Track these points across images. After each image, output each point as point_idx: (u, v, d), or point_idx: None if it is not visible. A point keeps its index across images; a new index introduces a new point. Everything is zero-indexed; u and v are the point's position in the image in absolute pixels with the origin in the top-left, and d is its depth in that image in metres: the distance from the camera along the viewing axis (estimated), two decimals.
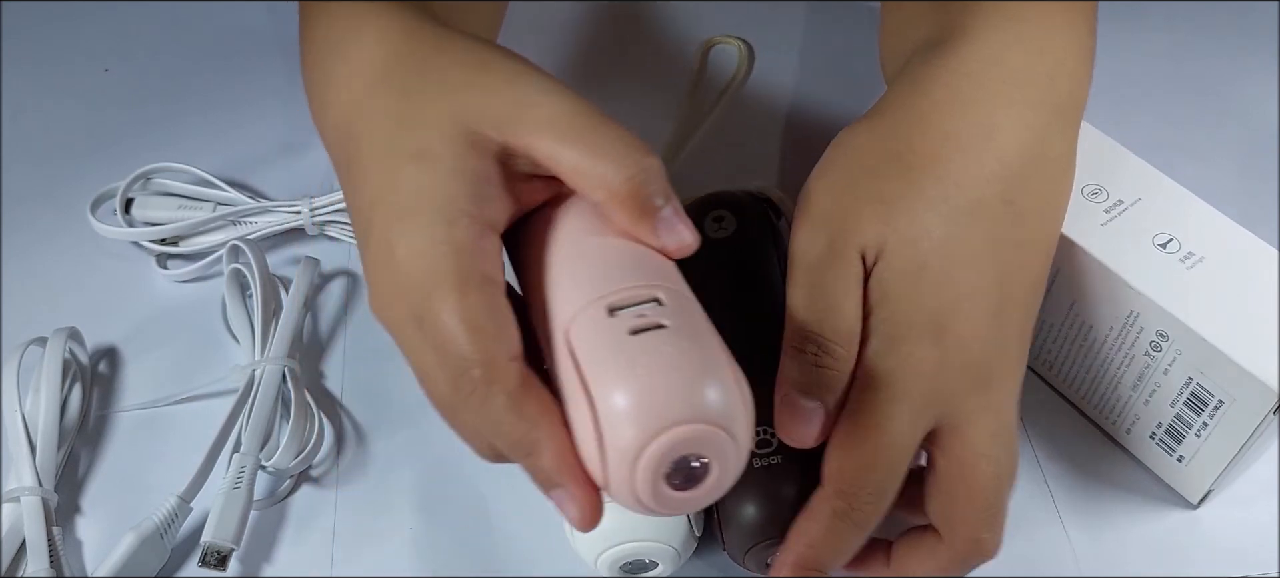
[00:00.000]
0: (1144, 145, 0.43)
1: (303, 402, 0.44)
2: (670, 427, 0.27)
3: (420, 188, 0.30)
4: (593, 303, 0.29)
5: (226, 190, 0.50)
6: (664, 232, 0.31)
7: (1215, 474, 0.39)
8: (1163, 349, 0.38)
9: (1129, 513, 0.41)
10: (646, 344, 0.28)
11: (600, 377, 0.28)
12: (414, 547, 0.41)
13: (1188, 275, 0.38)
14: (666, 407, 0.27)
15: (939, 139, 0.35)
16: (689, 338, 0.28)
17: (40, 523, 0.40)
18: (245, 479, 0.41)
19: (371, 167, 0.32)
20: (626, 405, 0.27)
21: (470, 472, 0.43)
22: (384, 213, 0.31)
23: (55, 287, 0.50)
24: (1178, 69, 0.57)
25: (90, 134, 0.57)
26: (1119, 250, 0.39)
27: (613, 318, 0.28)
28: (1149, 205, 0.41)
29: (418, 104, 0.32)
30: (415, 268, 0.30)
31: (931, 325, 0.33)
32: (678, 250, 0.31)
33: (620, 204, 0.30)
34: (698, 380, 0.27)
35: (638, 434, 0.27)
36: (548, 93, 0.32)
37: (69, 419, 0.44)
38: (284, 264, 0.50)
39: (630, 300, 0.29)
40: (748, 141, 0.55)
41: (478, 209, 0.30)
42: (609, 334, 0.28)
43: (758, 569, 0.37)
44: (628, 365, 0.27)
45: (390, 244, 0.30)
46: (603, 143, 0.31)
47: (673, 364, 0.27)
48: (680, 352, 0.28)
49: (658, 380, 0.27)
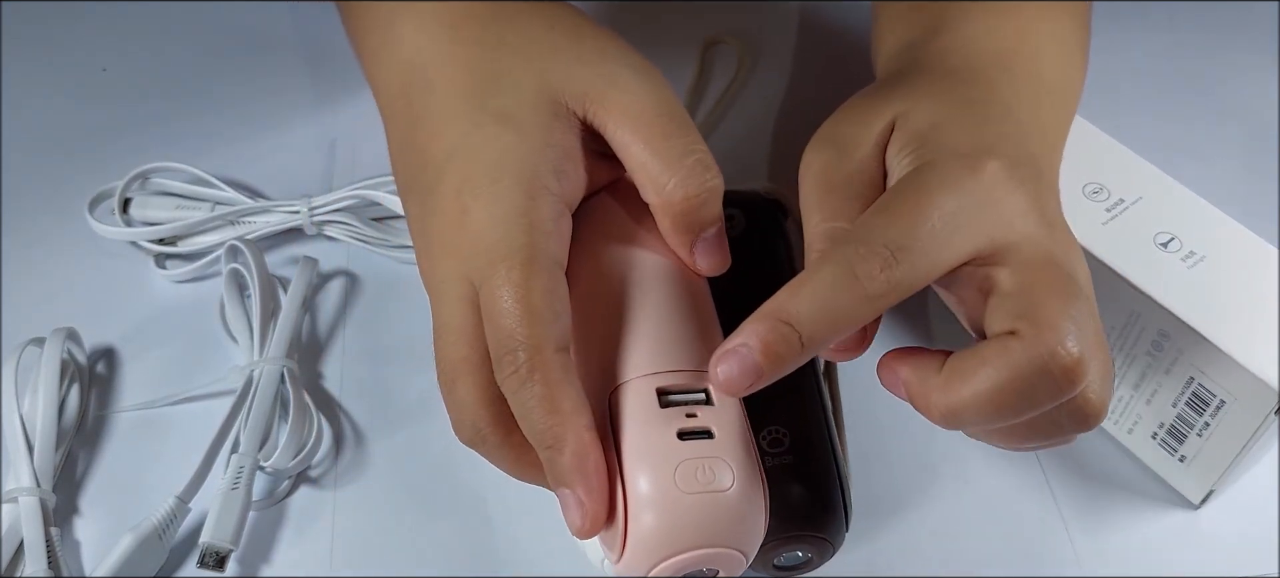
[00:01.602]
0: (1144, 144, 0.43)
1: (301, 402, 0.44)
2: (694, 549, 0.28)
3: (505, 152, 0.30)
4: (645, 378, 0.29)
5: (225, 190, 0.50)
6: (701, 255, 0.31)
7: (1217, 475, 0.39)
8: (1164, 349, 0.38)
9: (1130, 514, 0.41)
10: (691, 458, 0.28)
11: (640, 472, 0.28)
12: (413, 548, 0.41)
13: (1189, 275, 0.38)
14: (696, 533, 0.28)
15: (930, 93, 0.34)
16: (731, 455, 0.28)
17: (38, 524, 0.39)
18: (243, 480, 0.41)
19: (450, 119, 0.31)
20: (658, 520, 0.28)
21: (470, 472, 0.43)
22: (461, 169, 0.30)
23: (53, 287, 0.50)
24: (1178, 68, 0.57)
25: (88, 134, 0.57)
26: (1120, 250, 0.39)
27: (663, 410, 0.29)
28: (1150, 205, 0.40)
29: (504, 62, 0.32)
30: (488, 234, 0.29)
31: (972, 149, 0.31)
32: (708, 272, 0.31)
33: (670, 217, 0.30)
34: (731, 512, 0.28)
35: (661, 547, 0.28)
36: (636, 75, 0.31)
37: (67, 420, 0.44)
38: (283, 264, 0.50)
39: (682, 388, 0.29)
40: (747, 141, 0.55)
41: (559, 186, 0.30)
42: (656, 429, 0.28)
43: (766, 569, 0.37)
44: (669, 479, 0.28)
45: (464, 204, 0.30)
46: (674, 149, 0.30)
47: (711, 490, 0.28)
48: (720, 475, 0.28)
49: (694, 505, 0.28)
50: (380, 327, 0.48)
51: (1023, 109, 0.35)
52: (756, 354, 0.27)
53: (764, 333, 0.27)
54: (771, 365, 0.27)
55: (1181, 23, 0.60)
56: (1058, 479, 0.42)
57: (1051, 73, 0.37)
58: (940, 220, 0.29)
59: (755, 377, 0.28)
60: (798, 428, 0.36)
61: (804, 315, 0.27)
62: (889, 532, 0.41)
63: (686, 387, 0.29)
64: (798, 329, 0.27)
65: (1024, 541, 0.41)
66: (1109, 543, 0.41)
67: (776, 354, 0.27)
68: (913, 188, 0.30)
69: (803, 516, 0.36)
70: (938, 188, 0.29)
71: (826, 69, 0.59)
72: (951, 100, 0.34)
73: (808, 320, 0.27)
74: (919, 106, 0.33)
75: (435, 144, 0.32)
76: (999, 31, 0.37)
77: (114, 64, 0.60)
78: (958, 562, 0.40)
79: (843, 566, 0.39)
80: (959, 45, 0.37)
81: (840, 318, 0.28)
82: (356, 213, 0.49)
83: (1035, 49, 0.37)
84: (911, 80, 0.35)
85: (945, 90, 0.34)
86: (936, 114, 0.32)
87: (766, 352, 0.27)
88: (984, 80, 0.35)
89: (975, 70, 0.36)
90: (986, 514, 0.41)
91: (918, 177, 0.30)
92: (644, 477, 0.28)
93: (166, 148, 0.54)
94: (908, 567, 0.40)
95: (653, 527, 0.28)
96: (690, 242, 0.31)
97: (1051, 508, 0.42)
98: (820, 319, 0.27)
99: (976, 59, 0.36)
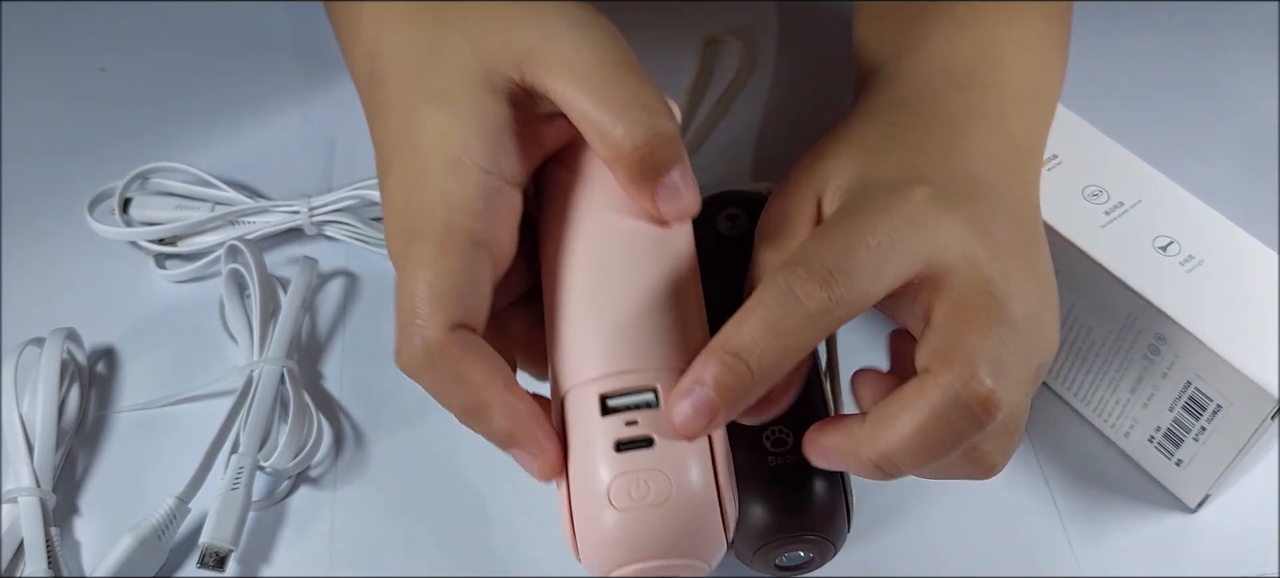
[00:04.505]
0: (1144, 143, 0.43)
1: (301, 402, 0.44)
2: (638, 563, 0.28)
3: (438, 134, 0.30)
4: (588, 384, 0.29)
5: (224, 190, 0.50)
6: (664, 203, 0.30)
7: (1213, 479, 0.39)
8: (1161, 352, 0.38)
9: (1126, 517, 0.41)
10: (627, 472, 0.27)
11: (578, 488, 0.28)
12: (413, 548, 0.41)
13: (1187, 278, 0.38)
14: (633, 549, 0.28)
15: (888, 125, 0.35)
16: (670, 464, 0.28)
17: (38, 524, 0.39)
18: (243, 480, 0.41)
19: (394, 107, 0.32)
20: (597, 539, 0.28)
21: (470, 473, 0.43)
22: (404, 156, 0.30)
23: (53, 287, 0.50)
24: (1178, 68, 0.57)
25: (88, 134, 0.56)
26: (1118, 252, 0.39)
27: (604, 418, 0.28)
28: (1150, 208, 0.40)
29: (440, 40, 0.31)
30: (405, 218, 0.29)
31: (903, 178, 0.31)
32: (677, 218, 0.30)
33: (624, 170, 0.29)
34: (669, 525, 0.27)
35: (605, 564, 0.28)
36: (577, 27, 0.30)
37: (67, 420, 0.44)
38: (282, 264, 0.50)
39: (624, 391, 0.28)
40: (748, 141, 0.55)
41: (492, 162, 0.30)
42: (594, 442, 0.28)
43: (767, 570, 0.37)
44: (602, 497, 0.27)
45: (403, 188, 0.30)
46: (619, 97, 0.29)
47: (646, 505, 0.27)
48: (656, 488, 0.27)
49: (629, 522, 0.27)
50: (380, 327, 0.48)
51: (978, 124, 0.35)
52: (710, 392, 0.27)
53: (715, 371, 0.27)
54: (728, 402, 0.27)
55: (1181, 22, 0.60)
56: (1057, 480, 0.42)
57: (1018, 81, 0.37)
58: (875, 241, 0.29)
59: (711, 416, 0.27)
60: (801, 428, 0.36)
61: (751, 344, 0.27)
62: (890, 532, 0.41)
63: (632, 388, 0.28)
64: (746, 360, 0.27)
65: (1023, 541, 0.41)
66: (1105, 547, 0.41)
67: (729, 389, 0.27)
68: (845, 215, 0.31)
69: (805, 516, 0.36)
70: (867, 212, 0.30)
71: (827, 68, 0.59)
72: (888, 136, 0.34)
73: (756, 348, 0.27)
74: (852, 161, 0.33)
75: (384, 135, 0.32)
76: (962, 44, 0.37)
77: (114, 64, 0.60)
78: (958, 562, 0.40)
79: (843, 566, 0.39)
80: (917, 68, 0.37)
81: (787, 341, 0.28)
82: (356, 213, 0.49)
83: (997, 59, 0.37)
84: (851, 130, 0.35)
85: (885, 127, 0.35)
86: (867, 159, 0.33)
87: (720, 389, 0.27)
88: (930, 102, 0.35)
89: (924, 94, 0.36)
90: (986, 515, 0.41)
91: (849, 205, 0.31)
92: (581, 494, 0.28)
93: (166, 148, 0.54)
94: (908, 567, 0.40)
95: (594, 544, 0.28)
96: (650, 192, 0.30)
97: (1051, 509, 0.42)
98: (767, 345, 0.27)
99: (932, 79, 0.36)
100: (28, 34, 0.62)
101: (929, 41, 0.38)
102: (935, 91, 0.36)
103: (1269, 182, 0.52)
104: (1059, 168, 0.42)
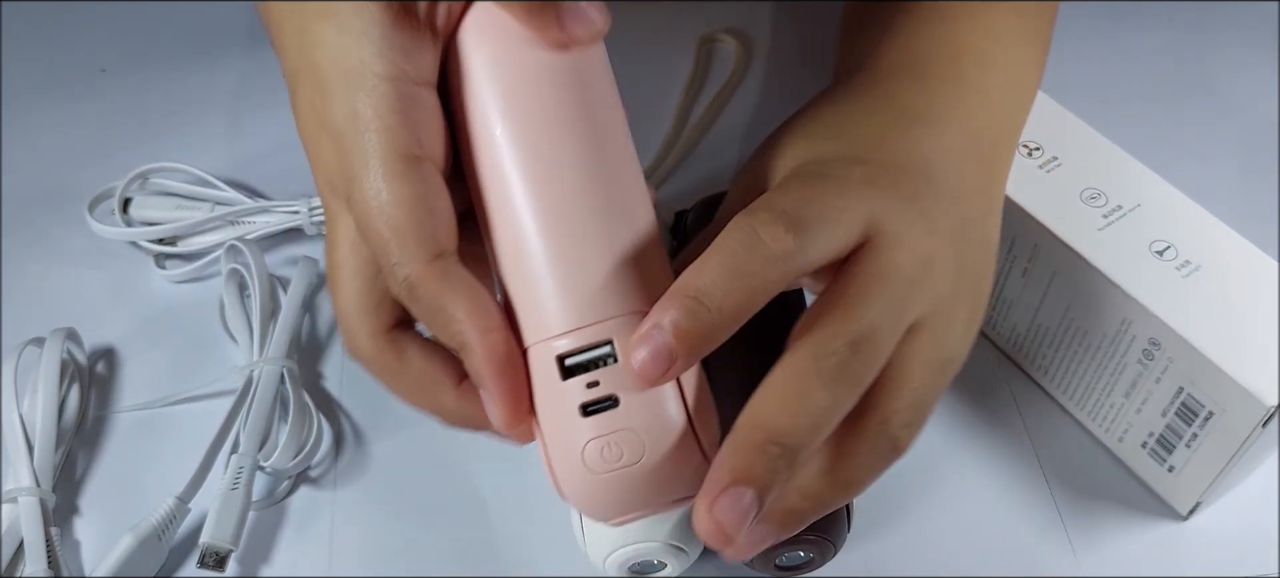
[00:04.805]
0: (1143, 143, 0.43)
1: (301, 402, 0.44)
2: (632, 514, 0.28)
3: (331, 55, 0.28)
4: (543, 344, 0.27)
5: (224, 190, 0.50)
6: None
7: (1204, 486, 0.39)
8: (1155, 357, 0.38)
9: (1118, 524, 0.41)
10: (596, 437, 0.27)
11: (554, 456, 0.28)
12: (413, 548, 0.41)
13: (1183, 284, 0.38)
14: (624, 505, 0.28)
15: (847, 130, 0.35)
16: (639, 420, 0.27)
17: (38, 524, 0.39)
18: (243, 480, 0.41)
19: (286, 37, 0.30)
20: (586, 503, 0.28)
21: (470, 472, 0.43)
22: (305, 89, 0.29)
23: (53, 287, 0.50)
24: (1178, 68, 0.57)
25: (88, 134, 0.57)
26: (1115, 256, 0.39)
27: (564, 382, 0.27)
28: (1148, 212, 0.40)
29: None
30: (338, 151, 0.28)
31: (844, 156, 0.31)
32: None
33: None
34: (650, 480, 0.27)
35: (602, 516, 0.28)
36: None
37: (67, 420, 0.44)
38: (282, 264, 0.50)
39: (583, 349, 0.27)
40: (744, 140, 0.55)
41: (395, 67, 0.27)
42: (560, 409, 0.27)
43: (766, 570, 0.37)
44: (579, 464, 0.27)
45: (314, 124, 0.28)
46: None
47: (621, 467, 0.27)
48: (629, 449, 0.27)
49: (610, 483, 0.27)
50: None
51: (934, 115, 0.34)
52: (668, 336, 0.26)
53: (674, 315, 0.26)
54: (687, 347, 0.26)
55: (1181, 22, 0.60)
56: (1058, 481, 0.42)
57: (979, 74, 0.37)
58: (828, 199, 0.29)
59: (669, 361, 0.26)
60: None
61: (712, 285, 0.26)
62: (890, 532, 0.41)
63: (587, 345, 0.27)
64: (706, 303, 0.26)
65: (1023, 541, 0.41)
66: (1097, 554, 0.41)
67: (689, 334, 0.26)
68: (799, 177, 0.31)
69: None
70: (817, 178, 0.30)
71: (823, 66, 0.58)
72: (837, 123, 0.34)
73: (717, 290, 0.26)
74: (801, 146, 0.33)
75: (284, 70, 0.30)
76: (923, 37, 0.37)
77: (114, 64, 0.60)
78: (958, 562, 0.40)
79: (844, 566, 0.39)
80: (877, 61, 0.37)
81: (750, 282, 0.27)
82: None
83: (957, 52, 0.37)
84: (803, 118, 0.35)
85: (837, 115, 0.35)
86: (813, 143, 0.33)
87: (679, 333, 0.26)
88: (885, 91, 0.35)
89: (880, 84, 0.36)
90: (986, 515, 0.41)
91: (801, 171, 0.31)
92: (558, 463, 0.28)
93: (166, 148, 0.54)
94: (908, 567, 0.40)
95: (582, 500, 0.28)
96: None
97: (1051, 509, 0.42)
98: (729, 286, 0.26)
99: (890, 71, 0.36)
100: (28, 34, 0.62)
101: (892, 36, 0.38)
102: (891, 82, 0.36)
103: (1269, 180, 0.52)
104: (1058, 170, 0.42)
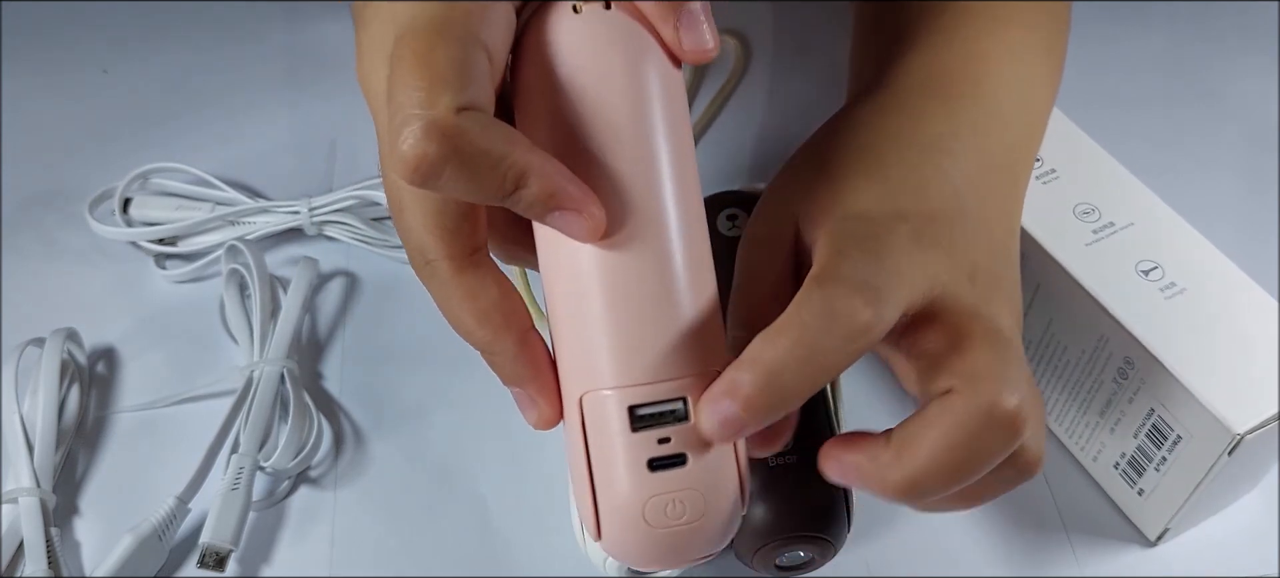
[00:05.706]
0: (1142, 145, 0.43)
1: (301, 403, 0.44)
2: (664, 569, 0.29)
3: None
4: (615, 392, 0.27)
5: (225, 190, 0.50)
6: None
7: (1172, 512, 0.39)
8: (1129, 377, 0.38)
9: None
10: (661, 493, 0.27)
11: (609, 500, 0.28)
12: (413, 548, 0.41)
13: (1165, 305, 0.38)
14: (663, 560, 0.28)
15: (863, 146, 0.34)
16: (704, 483, 0.27)
17: (38, 524, 0.39)
18: (243, 480, 0.41)
19: None
20: (627, 550, 0.28)
21: (470, 473, 0.43)
22: None
23: (53, 287, 0.50)
24: (1178, 70, 0.57)
25: (89, 134, 0.57)
26: (1098, 272, 0.38)
27: (635, 433, 0.27)
28: (1141, 230, 0.40)
29: None
30: (396, 19, 0.26)
31: (883, 213, 0.31)
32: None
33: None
34: (700, 539, 0.28)
35: (642, 563, 0.28)
36: None
37: (67, 420, 0.44)
38: (283, 264, 0.50)
39: (655, 401, 0.27)
40: (744, 139, 0.55)
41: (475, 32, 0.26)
42: (628, 457, 0.27)
43: (767, 570, 0.37)
44: (638, 515, 0.27)
45: (384, 22, 0.27)
46: None
47: (680, 524, 0.27)
48: (691, 507, 0.27)
49: (662, 538, 0.27)
50: (380, 327, 0.48)
51: (958, 143, 0.34)
52: (739, 408, 0.26)
53: (748, 389, 0.26)
54: (754, 420, 0.26)
55: (1181, 23, 0.60)
56: (1058, 481, 0.42)
57: (1000, 95, 0.36)
58: (889, 266, 0.29)
59: (738, 431, 0.27)
60: (802, 428, 0.36)
61: (786, 364, 0.26)
62: (890, 532, 0.41)
63: (662, 399, 0.27)
64: (780, 380, 0.26)
65: (1024, 541, 0.41)
66: (1107, 546, 0.41)
67: (759, 408, 0.26)
68: (854, 241, 0.30)
69: (805, 516, 0.36)
70: (872, 239, 0.29)
71: (823, 66, 0.59)
72: (865, 161, 0.33)
73: (789, 370, 0.26)
74: (828, 188, 0.32)
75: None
76: (945, 54, 0.36)
77: (114, 64, 0.60)
78: (958, 562, 0.40)
79: (844, 566, 0.39)
80: (897, 78, 0.36)
81: (824, 361, 0.27)
82: (356, 213, 0.49)
83: (980, 72, 0.36)
84: (827, 147, 0.34)
85: (862, 149, 0.33)
86: (843, 187, 0.32)
87: (749, 406, 0.26)
88: (910, 119, 0.34)
89: (904, 108, 0.35)
90: (986, 515, 0.41)
91: (851, 231, 0.30)
92: (608, 513, 0.28)
93: (166, 148, 0.54)
94: (908, 567, 0.40)
95: (624, 550, 0.28)
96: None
97: (1051, 509, 0.42)
98: (802, 367, 0.26)
99: (912, 93, 0.35)
100: (28, 34, 0.62)
101: (912, 52, 0.37)
102: (917, 103, 0.35)
103: (1269, 180, 0.52)
104: (1055, 182, 0.41)
